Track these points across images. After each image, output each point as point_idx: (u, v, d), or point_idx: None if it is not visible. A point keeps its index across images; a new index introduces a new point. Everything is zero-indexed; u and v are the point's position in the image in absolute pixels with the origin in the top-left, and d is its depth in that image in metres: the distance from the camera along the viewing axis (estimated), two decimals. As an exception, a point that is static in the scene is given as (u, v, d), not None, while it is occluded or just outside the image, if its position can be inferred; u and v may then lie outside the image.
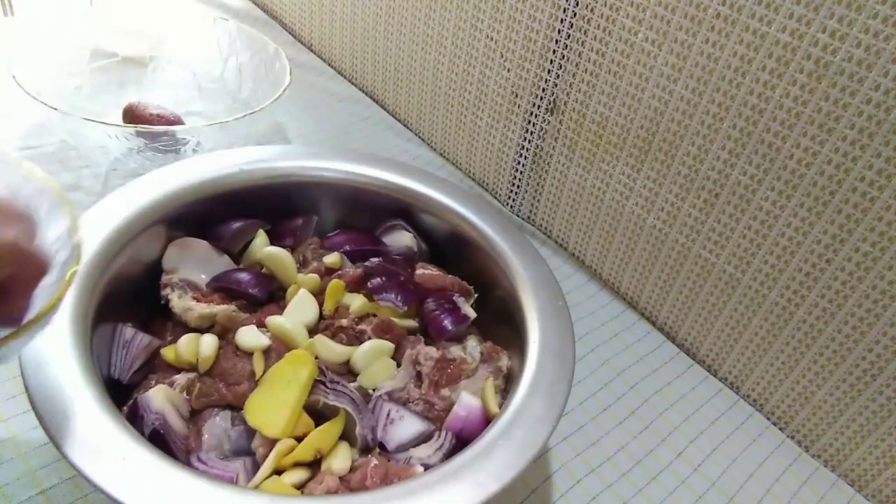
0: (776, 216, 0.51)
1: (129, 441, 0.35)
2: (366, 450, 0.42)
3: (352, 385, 0.44)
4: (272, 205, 0.55)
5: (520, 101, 0.68)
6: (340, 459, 0.40)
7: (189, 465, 0.39)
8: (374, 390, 0.45)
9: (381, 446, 0.43)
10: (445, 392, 0.45)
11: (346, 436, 0.42)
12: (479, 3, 0.67)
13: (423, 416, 0.44)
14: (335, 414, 0.42)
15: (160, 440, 0.39)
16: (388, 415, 0.43)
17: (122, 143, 0.64)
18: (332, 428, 0.41)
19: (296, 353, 0.43)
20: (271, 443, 0.40)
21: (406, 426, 0.43)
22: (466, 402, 0.44)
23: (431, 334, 0.50)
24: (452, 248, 0.55)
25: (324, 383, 0.42)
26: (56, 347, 0.38)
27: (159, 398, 0.41)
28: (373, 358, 0.46)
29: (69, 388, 0.36)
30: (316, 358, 0.44)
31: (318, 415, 0.42)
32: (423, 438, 0.44)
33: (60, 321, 0.39)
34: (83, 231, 0.35)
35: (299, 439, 0.40)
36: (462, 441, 0.42)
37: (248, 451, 0.41)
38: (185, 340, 0.44)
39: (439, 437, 0.43)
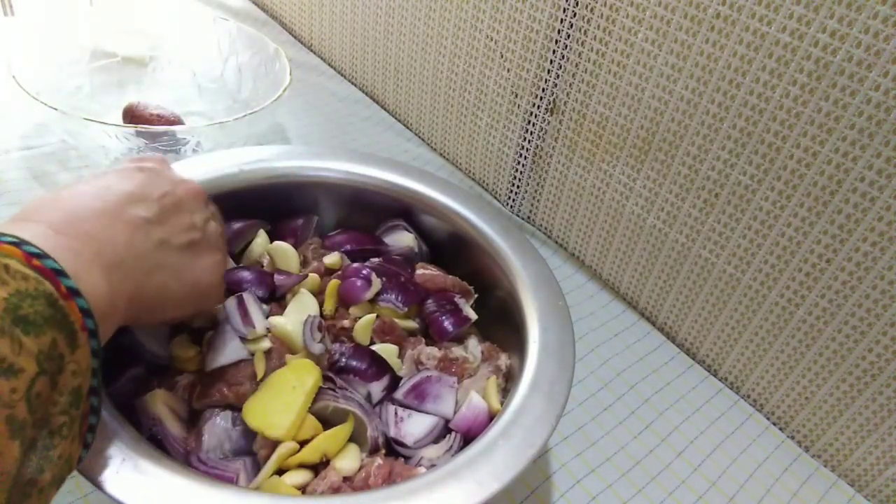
0: (776, 216, 0.51)
1: (128, 441, 0.35)
2: (375, 451, 0.42)
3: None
4: (272, 205, 0.55)
5: (520, 102, 0.68)
6: (349, 460, 0.40)
7: (189, 466, 0.39)
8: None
9: (398, 443, 0.43)
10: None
11: (356, 439, 0.42)
12: (479, 3, 0.67)
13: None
14: (342, 421, 0.42)
15: (159, 443, 0.39)
16: (395, 414, 0.44)
17: (122, 143, 0.64)
18: (340, 432, 0.41)
19: (299, 361, 0.43)
20: (273, 444, 0.40)
21: (416, 422, 0.43)
22: (474, 404, 0.44)
23: (432, 335, 0.50)
24: (452, 249, 0.55)
25: (333, 389, 0.42)
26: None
27: (156, 402, 0.41)
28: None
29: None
30: (319, 363, 0.44)
31: (325, 422, 0.42)
32: (438, 433, 0.44)
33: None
34: None
35: (303, 443, 0.40)
36: (469, 442, 0.42)
37: (249, 451, 0.41)
38: (179, 342, 0.45)
39: (449, 438, 0.44)
